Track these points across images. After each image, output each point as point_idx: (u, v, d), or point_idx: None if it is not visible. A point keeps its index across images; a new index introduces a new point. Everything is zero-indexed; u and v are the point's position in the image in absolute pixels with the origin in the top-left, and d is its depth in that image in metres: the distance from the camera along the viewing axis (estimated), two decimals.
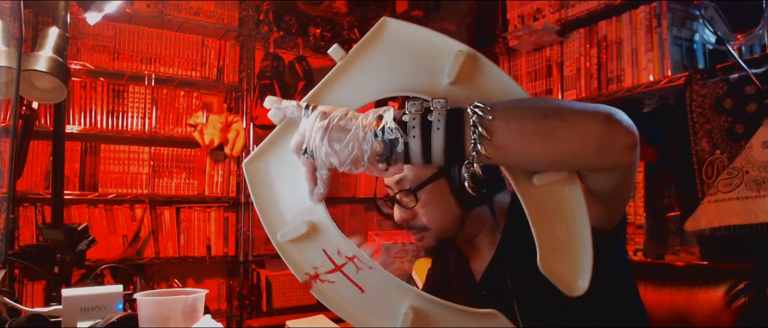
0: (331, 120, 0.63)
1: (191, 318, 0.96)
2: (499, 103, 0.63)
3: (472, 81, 0.69)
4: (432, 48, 0.70)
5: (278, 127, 0.72)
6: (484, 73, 0.69)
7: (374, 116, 0.63)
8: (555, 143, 0.61)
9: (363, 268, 0.70)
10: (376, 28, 0.71)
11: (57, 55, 1.30)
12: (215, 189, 3.12)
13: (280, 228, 0.72)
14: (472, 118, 0.60)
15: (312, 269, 0.71)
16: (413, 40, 0.71)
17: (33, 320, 1.01)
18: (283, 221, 0.72)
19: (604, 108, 0.64)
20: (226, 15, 3.11)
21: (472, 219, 0.99)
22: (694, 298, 1.24)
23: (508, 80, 0.69)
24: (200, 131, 3.01)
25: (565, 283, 0.63)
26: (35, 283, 2.54)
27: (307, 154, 0.64)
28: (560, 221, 0.65)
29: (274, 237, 0.72)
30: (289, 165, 0.70)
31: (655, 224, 2.00)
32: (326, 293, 0.70)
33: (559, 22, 2.28)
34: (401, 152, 0.62)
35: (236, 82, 3.18)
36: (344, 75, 0.71)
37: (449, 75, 0.68)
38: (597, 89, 2.15)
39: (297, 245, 0.72)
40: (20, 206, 2.60)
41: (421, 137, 0.61)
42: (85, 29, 2.76)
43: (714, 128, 1.75)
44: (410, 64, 0.70)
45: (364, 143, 0.62)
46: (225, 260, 3.16)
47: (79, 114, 2.81)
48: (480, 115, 0.60)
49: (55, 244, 1.37)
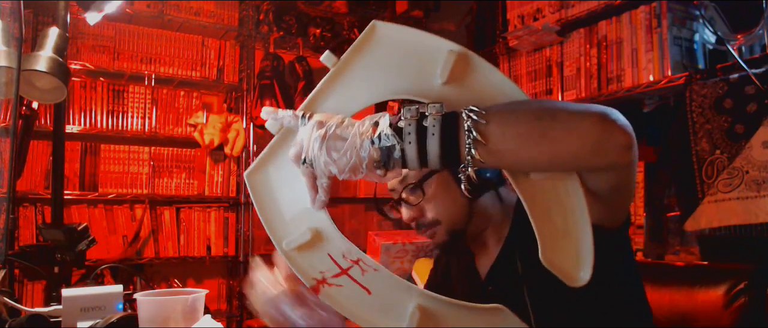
0: (328, 129, 0.64)
1: (191, 318, 0.96)
2: (494, 106, 0.63)
3: (465, 80, 0.69)
4: (424, 49, 0.69)
5: (276, 136, 0.72)
6: (478, 72, 0.69)
7: (370, 123, 0.64)
8: (550, 146, 0.62)
9: (368, 270, 0.71)
10: (366, 32, 0.71)
11: (57, 55, 1.30)
12: (215, 189, 3.12)
13: (285, 236, 0.73)
14: (466, 122, 0.60)
15: (319, 274, 0.72)
16: (404, 41, 0.70)
17: (33, 320, 1.01)
18: (287, 230, 0.73)
19: (598, 108, 0.64)
20: (226, 15, 3.11)
21: (480, 211, 0.99)
22: (694, 298, 1.24)
23: (502, 78, 0.69)
24: (200, 131, 3.01)
25: (566, 274, 0.63)
26: (35, 283, 2.54)
27: (306, 163, 0.65)
28: (558, 213, 0.65)
29: (280, 245, 0.73)
30: (290, 173, 0.71)
31: (655, 224, 2.00)
32: (334, 297, 0.72)
33: (559, 22, 2.28)
34: (398, 158, 0.62)
35: (236, 82, 3.18)
36: (337, 81, 0.71)
37: (442, 75, 0.68)
38: (597, 89, 2.15)
39: (302, 252, 0.73)
40: (20, 206, 2.60)
41: (417, 144, 0.61)
42: (85, 29, 2.76)
43: (714, 128, 1.75)
44: (403, 67, 0.70)
45: (361, 151, 0.62)
46: (225, 260, 3.16)
47: (79, 114, 2.81)
48: (474, 119, 0.60)
49: (55, 244, 1.37)
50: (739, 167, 1.69)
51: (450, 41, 0.69)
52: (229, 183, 3.15)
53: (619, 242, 0.89)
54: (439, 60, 0.68)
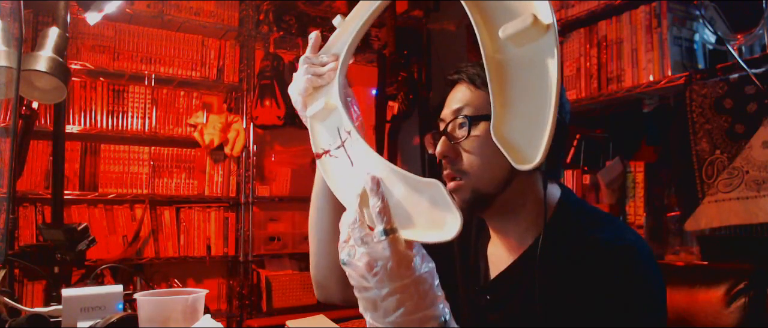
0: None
1: (191, 318, 0.96)
2: None
3: (521, 47, 0.62)
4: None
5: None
6: (537, 50, 0.61)
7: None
8: None
9: (357, 141, 0.74)
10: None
11: (57, 55, 1.30)
12: (215, 189, 3.12)
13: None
14: None
15: (327, 144, 0.78)
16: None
17: (33, 320, 1.01)
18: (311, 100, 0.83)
19: None
20: (226, 15, 3.11)
21: (519, 186, 0.88)
22: (694, 298, 1.24)
23: (550, 71, 0.60)
24: (200, 131, 3.02)
25: (515, 151, 0.59)
26: (35, 283, 2.54)
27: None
28: (523, 89, 0.60)
29: (306, 114, 0.82)
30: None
31: (655, 224, 2.00)
32: (328, 167, 0.78)
33: (559, 22, 2.28)
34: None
35: (236, 82, 3.18)
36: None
37: (507, 29, 0.61)
38: (597, 89, 2.15)
39: (318, 121, 0.80)
40: (20, 206, 2.60)
41: None
42: (85, 29, 2.76)
43: (714, 128, 1.75)
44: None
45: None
46: (225, 260, 3.16)
47: (79, 114, 2.81)
48: None
49: (55, 244, 1.37)
50: (739, 167, 1.69)
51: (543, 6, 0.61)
52: (229, 183, 3.15)
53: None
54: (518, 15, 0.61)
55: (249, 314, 3.09)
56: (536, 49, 0.59)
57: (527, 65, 0.60)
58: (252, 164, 3.17)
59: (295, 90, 0.83)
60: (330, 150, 0.78)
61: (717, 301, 1.19)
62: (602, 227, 0.87)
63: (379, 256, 0.61)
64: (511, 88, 0.61)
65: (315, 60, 0.82)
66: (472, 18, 0.64)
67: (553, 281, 0.81)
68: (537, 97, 0.59)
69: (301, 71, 0.82)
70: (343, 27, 0.82)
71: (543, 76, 0.58)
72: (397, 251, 0.61)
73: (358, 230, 0.63)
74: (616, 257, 0.81)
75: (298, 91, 0.82)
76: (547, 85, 0.58)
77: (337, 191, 0.76)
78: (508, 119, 0.61)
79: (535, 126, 0.58)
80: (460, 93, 0.91)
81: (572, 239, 0.85)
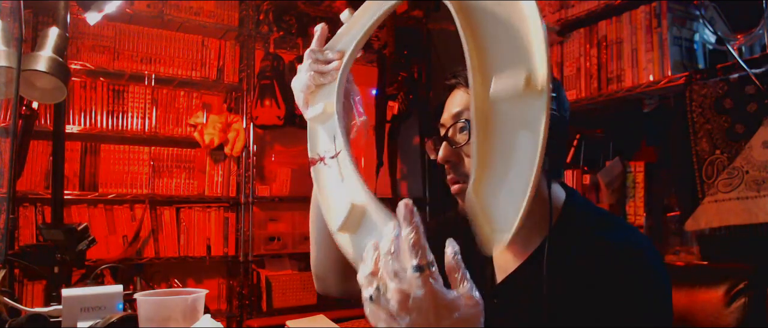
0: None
1: (191, 318, 0.96)
2: None
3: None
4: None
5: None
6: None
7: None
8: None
9: (345, 159, 0.73)
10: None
11: (57, 55, 1.30)
12: (215, 189, 3.12)
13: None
14: None
15: (323, 150, 0.77)
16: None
17: (33, 320, 1.01)
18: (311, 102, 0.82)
19: None
20: (226, 15, 3.11)
21: None
22: (694, 298, 1.24)
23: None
24: (200, 131, 3.02)
25: (489, 219, 0.57)
26: (35, 283, 2.54)
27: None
28: (507, 150, 0.57)
29: (306, 115, 0.82)
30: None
31: (655, 224, 2.00)
32: (320, 176, 0.77)
33: (559, 22, 2.28)
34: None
35: (236, 82, 3.18)
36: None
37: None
38: (597, 89, 2.15)
39: (316, 126, 0.80)
40: (20, 206, 2.60)
41: None
42: (85, 29, 2.76)
43: (714, 128, 1.75)
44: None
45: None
46: (225, 260, 3.16)
47: (79, 114, 2.81)
48: None
49: (55, 244, 1.37)
50: (739, 167, 1.69)
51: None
52: (229, 183, 3.15)
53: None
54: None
55: (249, 314, 3.09)
56: (526, 110, 0.56)
57: (516, 125, 0.57)
58: (252, 163, 3.17)
59: (297, 85, 0.81)
60: (325, 157, 0.76)
61: (717, 301, 1.19)
62: (611, 229, 0.87)
63: (414, 295, 0.52)
64: (494, 147, 0.59)
65: (320, 56, 0.80)
66: (469, 60, 0.61)
67: (561, 284, 0.80)
68: (520, 163, 0.56)
69: (306, 65, 0.80)
70: (351, 23, 0.79)
71: (529, 140, 0.55)
72: (432, 290, 0.52)
73: (391, 262, 0.53)
74: (627, 260, 0.81)
75: (300, 87, 0.81)
76: (532, 150, 0.55)
77: (323, 201, 0.74)
78: (487, 181, 0.58)
79: (514, 194, 0.55)
80: (458, 97, 0.91)
81: (580, 242, 0.84)
